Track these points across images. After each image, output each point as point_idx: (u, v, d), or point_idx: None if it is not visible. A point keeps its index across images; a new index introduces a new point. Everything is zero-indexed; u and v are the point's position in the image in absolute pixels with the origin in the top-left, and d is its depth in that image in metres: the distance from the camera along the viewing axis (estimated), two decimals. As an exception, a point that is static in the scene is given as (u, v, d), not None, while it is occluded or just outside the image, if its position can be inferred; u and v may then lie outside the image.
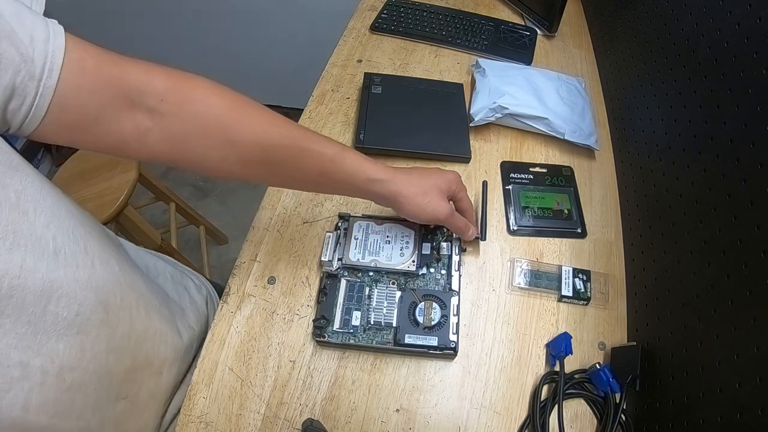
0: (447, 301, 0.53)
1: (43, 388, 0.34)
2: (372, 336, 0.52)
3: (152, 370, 0.48)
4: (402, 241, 0.57)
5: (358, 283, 0.55)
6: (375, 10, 0.93)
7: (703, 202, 0.48)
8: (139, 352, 0.45)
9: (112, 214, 1.08)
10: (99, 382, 0.40)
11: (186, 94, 0.37)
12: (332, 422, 0.49)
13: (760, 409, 0.35)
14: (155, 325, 0.47)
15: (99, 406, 0.41)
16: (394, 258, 0.56)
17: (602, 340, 0.56)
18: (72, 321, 0.35)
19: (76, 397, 0.38)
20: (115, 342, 0.41)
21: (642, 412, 0.49)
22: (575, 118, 0.72)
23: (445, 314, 0.52)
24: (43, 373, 0.34)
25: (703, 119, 0.51)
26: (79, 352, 0.37)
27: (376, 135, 0.69)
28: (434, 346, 0.50)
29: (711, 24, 0.52)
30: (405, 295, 0.54)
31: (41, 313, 0.33)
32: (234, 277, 0.58)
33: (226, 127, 0.39)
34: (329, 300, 0.54)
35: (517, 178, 0.69)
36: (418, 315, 0.52)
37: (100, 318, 0.38)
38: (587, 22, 0.96)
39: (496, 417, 0.50)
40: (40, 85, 0.31)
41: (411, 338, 0.51)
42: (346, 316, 0.53)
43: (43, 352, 0.34)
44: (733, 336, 0.40)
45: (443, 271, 0.56)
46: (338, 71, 0.82)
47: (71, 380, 0.37)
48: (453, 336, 0.51)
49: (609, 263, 0.62)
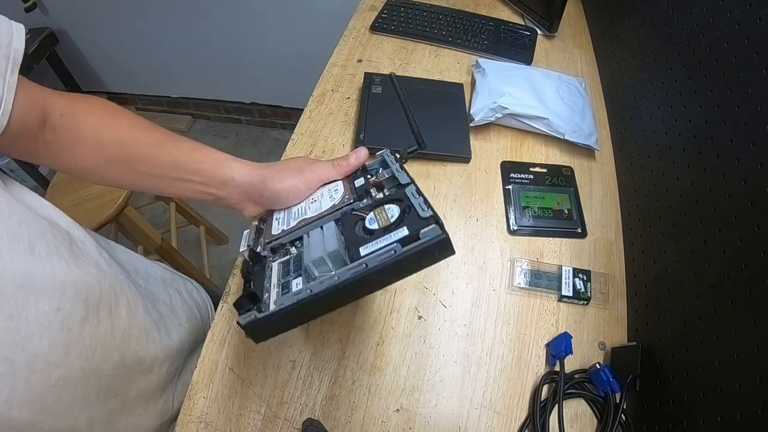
0: (402, 196, 0.39)
1: (28, 384, 0.35)
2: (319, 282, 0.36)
3: (142, 368, 0.48)
4: (330, 192, 0.46)
5: (293, 258, 0.42)
6: (375, 10, 0.93)
7: (703, 202, 0.48)
8: (126, 350, 0.45)
9: (112, 214, 1.08)
10: (86, 378, 0.40)
11: (77, 110, 0.44)
12: (332, 422, 0.49)
13: (760, 409, 0.35)
14: (139, 324, 0.48)
15: (87, 403, 0.41)
16: (324, 204, 0.44)
17: (602, 340, 0.56)
18: (53, 316, 0.37)
19: (63, 394, 0.38)
20: (99, 339, 0.42)
21: (642, 412, 0.49)
22: (575, 118, 0.72)
23: (407, 205, 0.38)
24: (29, 369, 0.35)
25: (703, 119, 0.51)
26: (65, 348, 0.38)
27: (376, 135, 0.69)
28: (406, 237, 0.35)
29: (711, 24, 0.52)
30: (345, 218, 0.41)
31: (23, 306, 0.34)
32: (234, 277, 0.58)
33: (97, 131, 0.44)
34: (258, 284, 0.41)
35: (517, 178, 0.69)
36: (370, 224, 0.38)
37: (81, 315, 0.39)
38: (587, 22, 0.96)
39: (496, 417, 0.50)
40: (4, 91, 0.36)
41: (368, 247, 0.36)
42: (285, 290, 0.39)
43: (28, 348, 0.35)
44: (733, 336, 0.40)
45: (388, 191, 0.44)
46: (338, 71, 0.82)
47: (57, 376, 0.37)
48: (426, 212, 0.36)
49: (609, 263, 0.62)
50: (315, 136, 0.72)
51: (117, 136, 0.45)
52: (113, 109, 0.46)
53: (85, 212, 1.08)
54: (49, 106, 0.42)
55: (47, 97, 0.42)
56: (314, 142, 0.71)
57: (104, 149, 0.44)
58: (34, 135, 0.41)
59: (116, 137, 0.45)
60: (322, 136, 0.72)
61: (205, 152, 0.47)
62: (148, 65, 1.83)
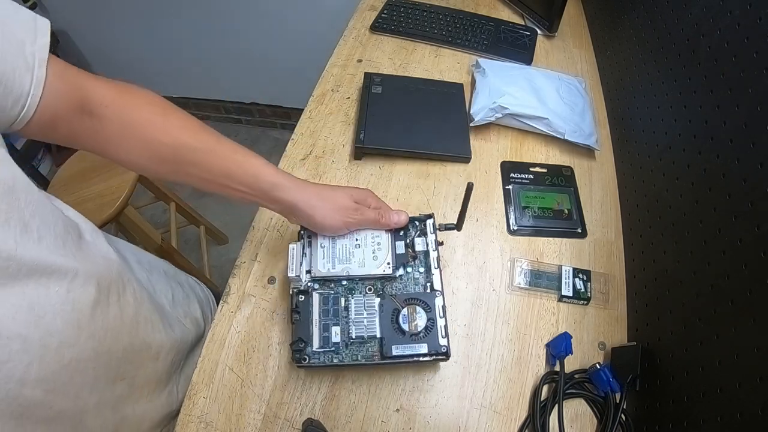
0: (431, 303, 0.49)
1: (42, 363, 0.36)
2: (356, 351, 0.48)
3: (150, 354, 0.50)
4: (373, 243, 0.53)
5: (333, 296, 0.50)
6: (375, 10, 0.93)
7: (703, 202, 0.48)
8: (135, 335, 0.47)
9: (112, 214, 1.08)
10: (97, 359, 0.42)
11: (124, 102, 0.44)
12: (332, 422, 0.49)
13: (760, 409, 0.35)
14: (145, 313, 0.49)
15: (97, 385, 0.42)
16: (368, 263, 0.51)
17: (602, 340, 0.56)
18: (65, 298, 0.38)
19: (75, 375, 0.39)
20: (109, 322, 0.43)
21: (642, 412, 0.49)
22: (575, 118, 0.72)
23: (431, 317, 0.49)
24: (43, 347, 0.36)
25: (703, 119, 0.51)
26: (77, 329, 0.39)
27: (376, 135, 0.69)
28: (424, 354, 0.47)
29: (711, 24, 0.52)
30: (385, 302, 0.50)
31: (35, 287, 0.35)
32: (234, 277, 0.58)
33: (147, 129, 0.44)
34: (303, 318, 0.49)
35: (518, 178, 0.69)
36: (402, 323, 0.48)
37: (92, 298, 0.41)
38: (587, 22, 0.96)
39: (496, 417, 0.50)
40: (32, 78, 0.36)
41: (399, 349, 0.47)
42: (325, 333, 0.48)
43: (42, 326, 0.36)
44: (733, 336, 0.40)
45: (422, 269, 0.52)
46: (338, 71, 0.82)
47: (70, 357, 0.38)
48: (443, 340, 0.48)
49: (609, 263, 0.62)
50: (315, 136, 0.72)
51: (167, 138, 0.45)
52: (162, 105, 0.46)
53: (85, 212, 1.06)
54: (88, 92, 0.42)
55: (85, 83, 0.42)
56: (314, 142, 0.71)
57: (154, 148, 0.45)
58: (73, 121, 0.41)
59: (166, 139, 0.45)
60: (322, 136, 0.72)
61: (256, 166, 0.47)
62: (148, 65, 1.83)
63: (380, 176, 0.68)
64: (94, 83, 0.42)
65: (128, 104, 0.44)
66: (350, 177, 0.68)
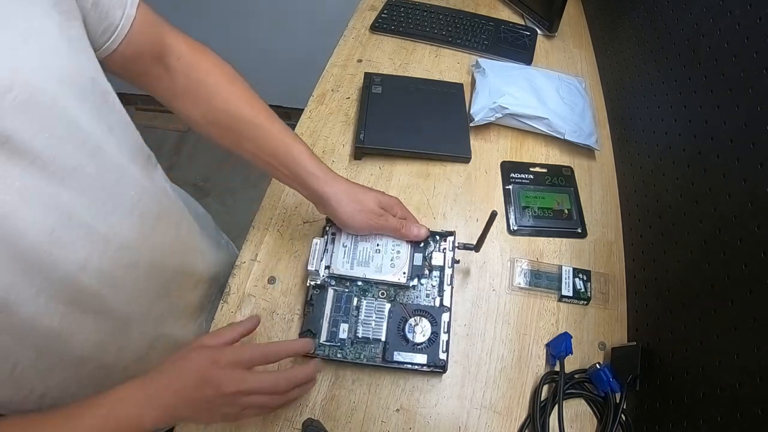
0: (438, 318, 0.51)
1: (102, 257, 0.39)
2: (359, 350, 0.50)
3: (191, 281, 0.55)
4: (393, 251, 0.55)
5: (346, 294, 0.53)
6: (375, 10, 0.93)
7: (703, 202, 0.48)
8: (183, 260, 0.52)
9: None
10: (150, 271, 0.45)
11: (195, 61, 0.48)
12: (332, 422, 0.49)
13: (760, 409, 0.35)
14: (193, 243, 0.55)
15: (146, 295, 0.46)
16: (384, 269, 0.54)
17: (602, 340, 0.56)
18: (135, 204, 0.42)
19: (129, 278, 0.43)
20: (167, 240, 0.48)
21: (642, 412, 0.49)
22: (575, 118, 0.72)
23: (436, 331, 0.51)
24: (105, 242, 0.39)
25: (703, 119, 0.51)
26: (139, 236, 0.43)
27: (376, 135, 0.69)
28: (423, 364, 0.49)
29: (711, 24, 0.52)
30: (394, 309, 0.52)
31: (115, 184, 0.39)
32: (234, 277, 0.58)
33: (211, 94, 0.48)
34: (316, 311, 0.52)
35: (518, 178, 0.69)
36: (408, 332, 0.51)
37: (156, 213, 0.45)
38: (587, 22, 0.96)
39: (496, 417, 0.50)
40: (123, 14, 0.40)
41: (400, 356, 0.49)
42: (333, 328, 0.51)
43: (109, 222, 0.39)
44: (733, 336, 0.40)
45: (435, 283, 0.54)
46: (338, 71, 0.82)
47: (129, 259, 0.42)
48: (443, 354, 0.50)
49: (609, 263, 0.62)
50: (315, 136, 0.72)
51: (226, 106, 0.48)
52: (230, 75, 0.50)
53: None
54: (167, 42, 0.46)
55: (167, 33, 0.46)
56: (314, 142, 0.71)
57: (213, 112, 0.48)
58: (149, 65, 0.45)
59: (227, 107, 0.48)
60: (322, 136, 0.72)
61: (299, 152, 0.50)
62: (148, 65, 1.84)
63: (380, 176, 0.68)
64: (174, 36, 0.47)
65: (198, 64, 0.48)
66: (350, 177, 0.68)
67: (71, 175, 0.34)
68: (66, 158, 0.34)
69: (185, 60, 0.47)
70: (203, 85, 0.48)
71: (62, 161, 0.33)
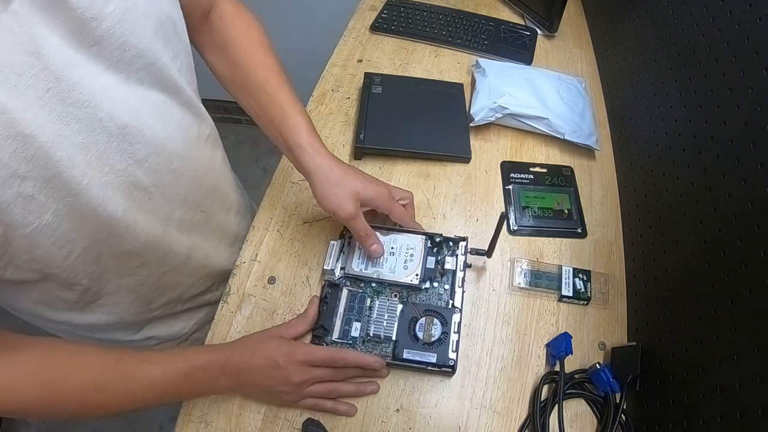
0: (448, 318, 0.52)
1: (158, 158, 0.44)
2: (371, 348, 0.51)
3: (225, 204, 0.62)
4: (406, 254, 0.56)
5: (360, 294, 0.54)
6: (375, 10, 0.93)
7: (703, 202, 0.48)
8: (219, 182, 0.59)
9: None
10: (191, 182, 0.51)
11: (232, 20, 0.53)
12: (332, 422, 0.49)
13: (760, 409, 0.35)
14: (227, 173, 0.63)
15: (185, 202, 0.52)
16: (398, 270, 0.55)
17: (602, 340, 0.56)
18: (184, 122, 0.48)
19: (174, 182, 0.48)
20: (206, 160, 0.55)
21: (642, 412, 0.49)
22: (575, 118, 0.72)
23: (446, 331, 0.51)
24: (162, 146, 0.44)
25: (703, 119, 0.51)
26: (186, 147, 0.48)
27: (376, 135, 0.69)
28: (432, 363, 0.50)
29: (711, 24, 0.52)
30: (406, 309, 0.53)
31: (172, 102, 0.45)
32: (234, 277, 0.58)
33: (237, 53, 0.53)
34: (330, 309, 0.53)
35: (518, 178, 0.69)
36: (419, 330, 0.51)
37: (197, 134, 0.51)
38: (587, 22, 0.96)
39: (496, 417, 0.50)
40: None
41: (410, 354, 0.50)
42: (346, 326, 0.52)
43: (166, 131, 0.45)
44: (733, 336, 0.40)
45: (447, 286, 0.55)
46: (338, 71, 0.82)
47: (177, 165, 0.47)
48: (452, 354, 0.50)
49: (609, 263, 0.62)
50: (315, 136, 0.72)
51: (245, 67, 0.53)
52: (260, 40, 0.54)
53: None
54: (217, 1, 0.53)
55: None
56: (314, 142, 0.71)
57: (232, 69, 0.54)
58: (198, 20, 0.51)
59: (244, 67, 0.53)
60: (322, 135, 0.71)
61: (296, 123, 0.51)
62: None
63: (380, 176, 0.68)
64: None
65: (233, 24, 0.53)
66: (350, 177, 0.68)
67: (144, 81, 0.41)
68: (138, 67, 0.40)
69: (225, 19, 0.53)
70: (231, 42, 0.53)
71: (139, 62, 0.39)
